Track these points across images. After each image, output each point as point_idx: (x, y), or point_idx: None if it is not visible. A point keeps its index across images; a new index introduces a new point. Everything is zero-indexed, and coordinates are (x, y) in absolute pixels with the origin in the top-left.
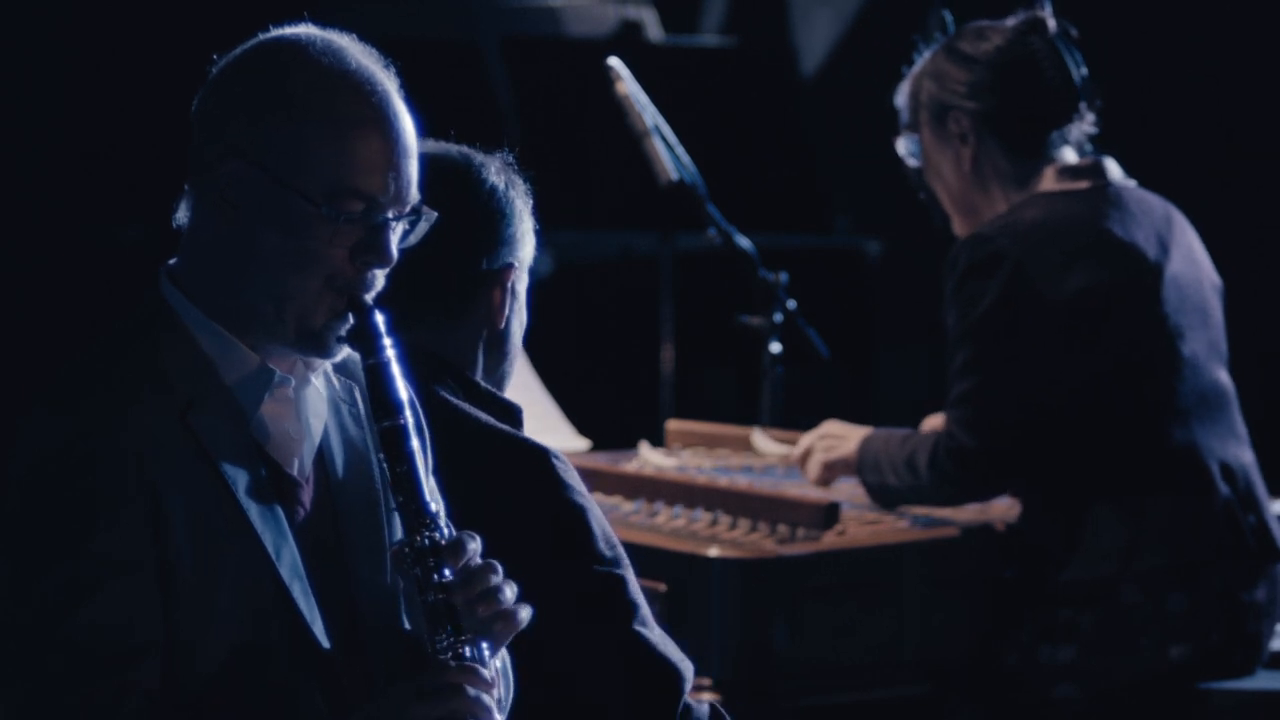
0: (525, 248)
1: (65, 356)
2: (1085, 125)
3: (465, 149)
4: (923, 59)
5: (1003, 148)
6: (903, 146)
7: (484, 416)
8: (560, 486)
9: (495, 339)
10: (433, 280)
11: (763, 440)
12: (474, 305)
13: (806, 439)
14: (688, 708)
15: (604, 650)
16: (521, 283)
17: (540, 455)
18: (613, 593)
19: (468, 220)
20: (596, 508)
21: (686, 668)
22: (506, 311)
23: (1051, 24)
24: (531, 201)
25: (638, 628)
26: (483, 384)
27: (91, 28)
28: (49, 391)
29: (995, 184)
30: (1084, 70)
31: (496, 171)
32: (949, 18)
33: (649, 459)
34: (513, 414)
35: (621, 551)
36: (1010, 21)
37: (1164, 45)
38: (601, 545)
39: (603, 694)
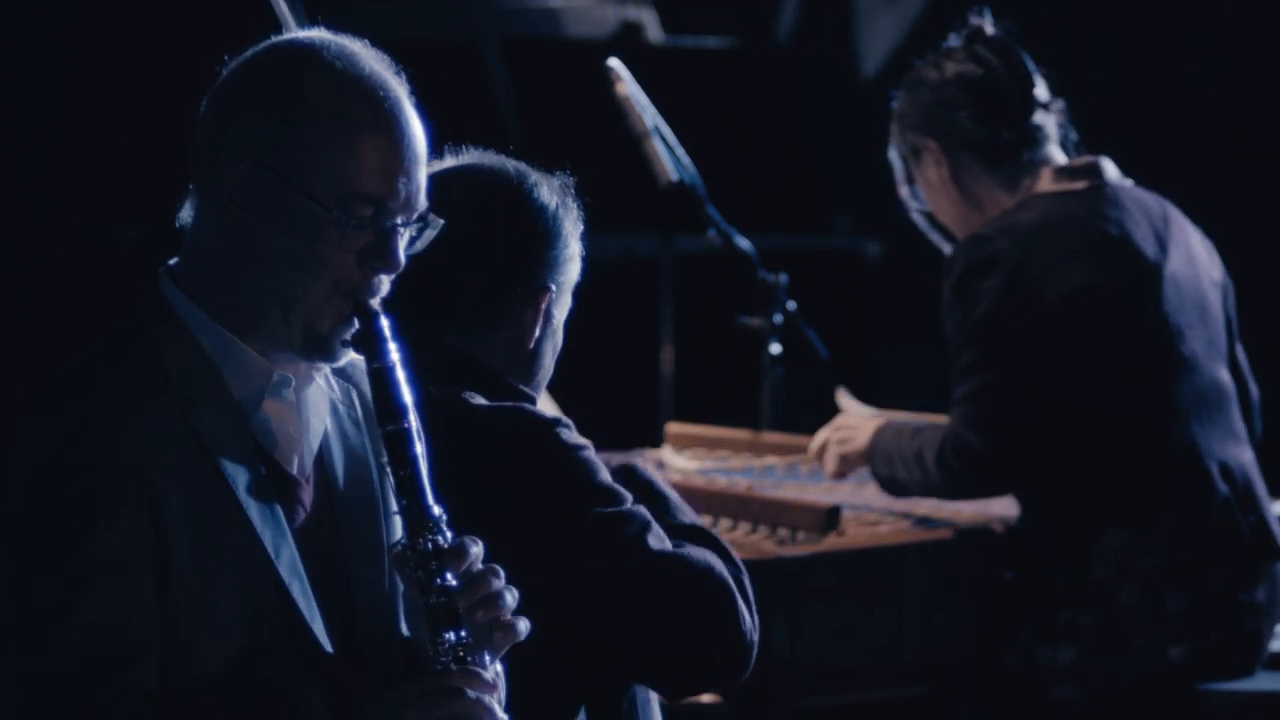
0: (568, 272)
1: (65, 356)
2: (1057, 115)
3: (522, 165)
4: (894, 107)
5: (975, 158)
6: (905, 196)
7: (490, 402)
8: (568, 447)
9: (523, 357)
10: (471, 289)
11: (847, 400)
12: (506, 321)
13: (823, 433)
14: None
15: (648, 587)
16: (560, 306)
17: (545, 423)
18: (638, 531)
19: (512, 236)
20: (604, 468)
21: (728, 577)
22: (536, 333)
23: (989, 28)
24: (582, 226)
25: (655, 545)
26: (509, 381)
27: (92, 28)
28: (49, 391)
29: (983, 194)
30: (1029, 62)
31: (550, 192)
32: (919, 64)
33: (671, 463)
34: (530, 402)
35: (630, 497)
36: (954, 41)
37: (1164, 45)
38: (618, 493)
39: (652, 626)
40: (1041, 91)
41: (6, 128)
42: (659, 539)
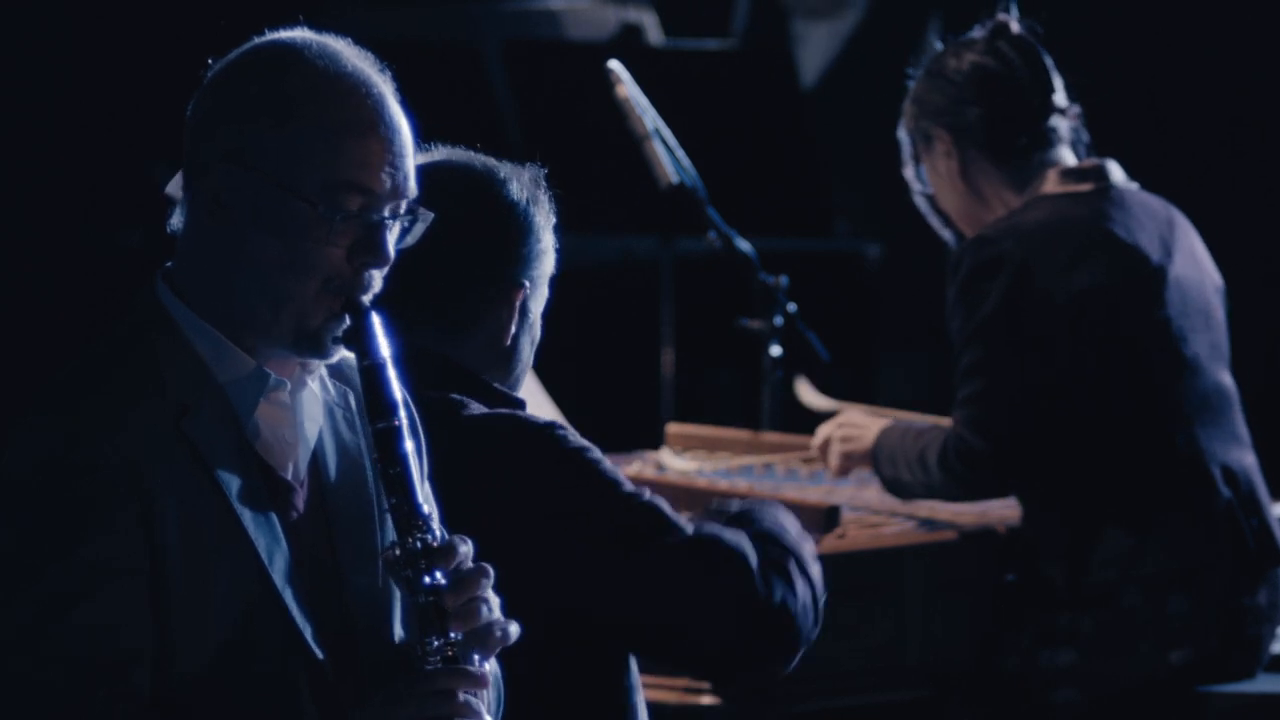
0: (541, 266)
1: (63, 360)
2: (1071, 119)
3: (491, 161)
4: (911, 87)
5: (986, 156)
6: (910, 176)
7: (485, 409)
8: (570, 450)
9: (501, 354)
10: (443, 290)
11: (808, 392)
12: (481, 320)
13: (825, 429)
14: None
15: (664, 571)
16: (536, 301)
17: (543, 428)
18: (651, 519)
19: (482, 235)
20: (608, 461)
21: (747, 547)
22: (513, 330)
23: (1015, 26)
24: (555, 219)
25: (687, 534)
26: (493, 384)
27: (91, 30)
28: (45, 394)
29: (990, 192)
30: (1050, 65)
31: (520, 187)
32: (938, 43)
33: (672, 465)
34: (519, 407)
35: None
36: (978, 33)
37: (1167, 46)
38: (626, 486)
39: (678, 610)
40: (1060, 96)
41: (6, 131)
42: (679, 526)
